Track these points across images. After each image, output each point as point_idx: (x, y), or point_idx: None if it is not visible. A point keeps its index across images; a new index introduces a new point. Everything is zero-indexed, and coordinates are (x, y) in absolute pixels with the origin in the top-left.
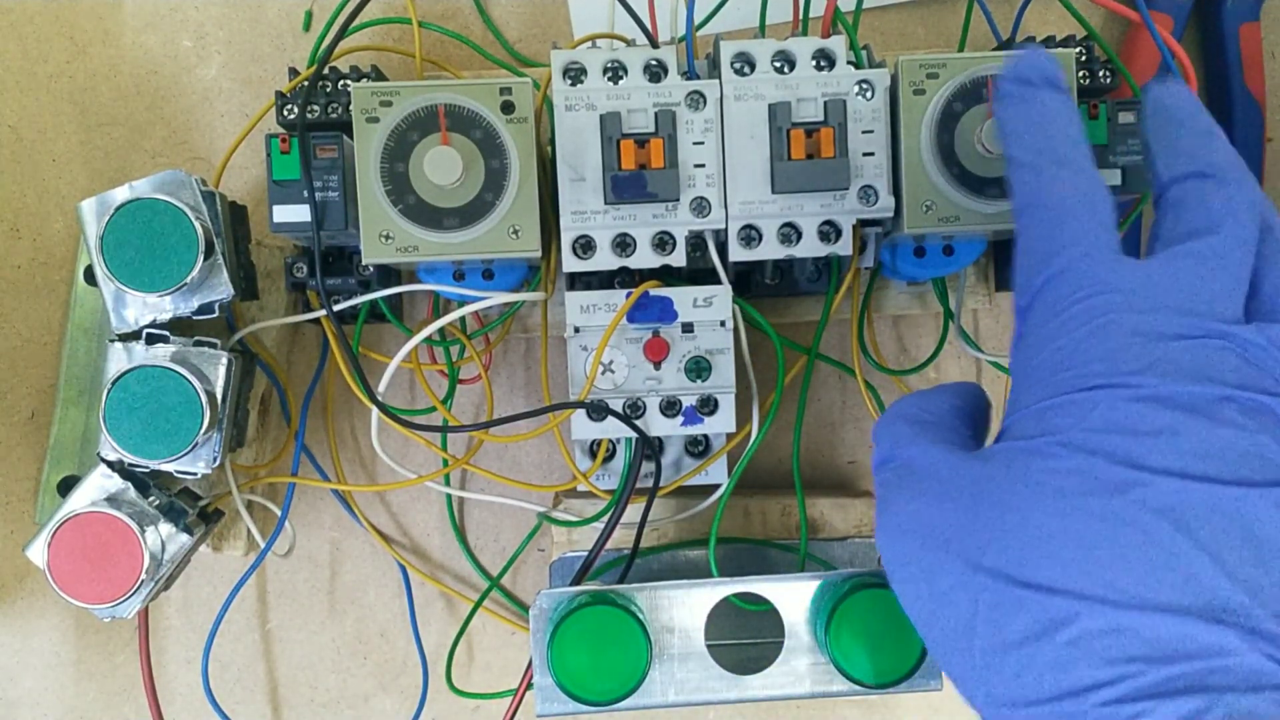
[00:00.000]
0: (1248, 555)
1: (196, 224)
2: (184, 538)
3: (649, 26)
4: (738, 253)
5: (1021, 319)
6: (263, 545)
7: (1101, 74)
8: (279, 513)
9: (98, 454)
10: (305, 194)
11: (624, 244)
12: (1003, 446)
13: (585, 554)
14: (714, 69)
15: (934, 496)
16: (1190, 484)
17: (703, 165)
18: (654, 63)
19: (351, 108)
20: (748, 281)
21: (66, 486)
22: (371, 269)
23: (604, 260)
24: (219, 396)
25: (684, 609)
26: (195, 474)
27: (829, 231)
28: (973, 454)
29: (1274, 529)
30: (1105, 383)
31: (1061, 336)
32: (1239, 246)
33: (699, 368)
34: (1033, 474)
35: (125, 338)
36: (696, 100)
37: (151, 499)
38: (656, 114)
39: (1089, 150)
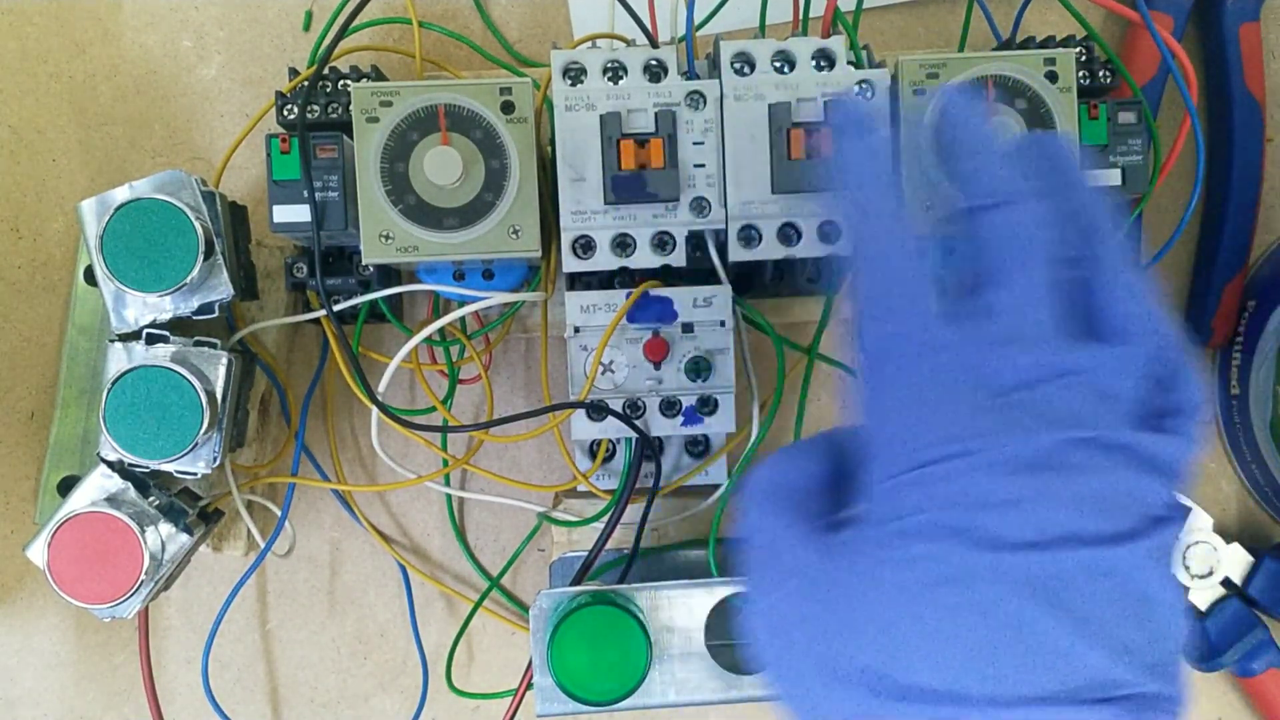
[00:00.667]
0: (1125, 614)
1: (196, 224)
2: (184, 538)
3: (649, 26)
4: (738, 253)
5: (864, 380)
6: (263, 545)
7: (1101, 74)
8: (279, 513)
9: (98, 454)
10: (305, 194)
11: (624, 244)
12: (857, 537)
13: (585, 554)
14: (714, 69)
15: (795, 591)
16: (1052, 553)
17: (703, 165)
18: (654, 63)
19: (351, 108)
20: (748, 281)
21: (66, 486)
22: (371, 269)
23: (604, 260)
24: (219, 396)
25: (684, 609)
26: (195, 474)
27: (829, 231)
28: (832, 543)
29: (1148, 580)
30: (951, 452)
31: (905, 404)
32: (1037, 288)
33: (699, 368)
34: (888, 569)
35: (125, 338)
36: (696, 100)
37: (151, 499)
38: (656, 114)
39: (904, 199)
